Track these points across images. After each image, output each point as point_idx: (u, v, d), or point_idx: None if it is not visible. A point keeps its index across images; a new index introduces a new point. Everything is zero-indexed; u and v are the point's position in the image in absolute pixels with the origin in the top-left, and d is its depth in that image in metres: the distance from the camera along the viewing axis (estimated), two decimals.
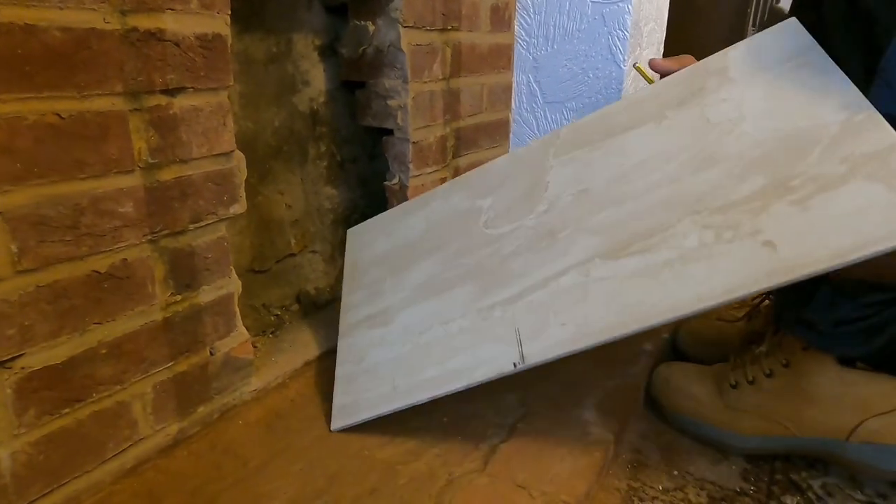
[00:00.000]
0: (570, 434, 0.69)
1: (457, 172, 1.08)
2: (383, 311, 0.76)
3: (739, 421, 0.73)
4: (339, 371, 0.74)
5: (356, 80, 0.94)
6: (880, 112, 0.53)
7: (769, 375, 0.72)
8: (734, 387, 0.74)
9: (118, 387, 0.58)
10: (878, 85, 0.57)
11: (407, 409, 0.66)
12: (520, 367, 0.59)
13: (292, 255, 0.95)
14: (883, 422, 0.66)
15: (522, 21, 1.17)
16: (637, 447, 0.76)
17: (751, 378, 0.73)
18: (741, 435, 0.73)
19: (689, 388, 0.78)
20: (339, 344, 0.78)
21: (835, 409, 0.68)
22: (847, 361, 0.68)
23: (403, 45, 0.88)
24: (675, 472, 0.71)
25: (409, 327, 0.71)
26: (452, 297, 0.70)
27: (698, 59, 0.71)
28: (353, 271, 0.85)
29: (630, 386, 0.80)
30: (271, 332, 0.88)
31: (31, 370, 0.51)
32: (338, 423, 0.68)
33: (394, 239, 0.83)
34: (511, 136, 1.24)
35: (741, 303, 1.09)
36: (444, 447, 0.66)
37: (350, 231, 0.91)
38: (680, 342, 0.95)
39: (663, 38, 1.27)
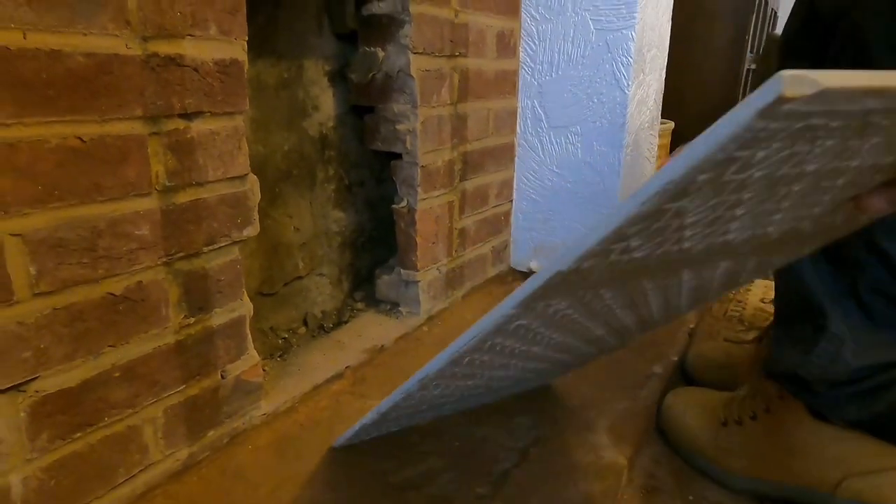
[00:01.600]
0: (583, 458, 0.68)
1: (463, 196, 1.08)
2: None
3: (729, 460, 0.71)
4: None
5: (365, 104, 0.95)
6: None
7: (753, 418, 0.70)
8: (724, 424, 0.73)
9: (130, 411, 0.58)
10: None
11: (417, 433, 0.65)
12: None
13: (300, 277, 0.95)
14: (865, 483, 0.63)
15: (527, 47, 1.19)
16: (650, 471, 0.75)
17: (737, 418, 0.72)
18: (732, 475, 0.71)
19: (687, 420, 0.77)
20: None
21: (815, 462, 0.66)
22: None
23: (413, 71, 0.89)
24: (691, 498, 0.71)
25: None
26: None
27: (697, 85, 0.72)
28: None
29: (641, 409, 0.79)
30: (279, 356, 0.87)
31: (45, 393, 0.51)
32: (340, 440, 0.68)
33: None
34: (516, 160, 1.25)
35: (750, 325, 1.09)
36: (456, 472, 0.66)
37: None
38: (689, 366, 0.94)
39: (665, 65, 1.29)
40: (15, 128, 0.46)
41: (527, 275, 1.29)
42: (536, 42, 1.17)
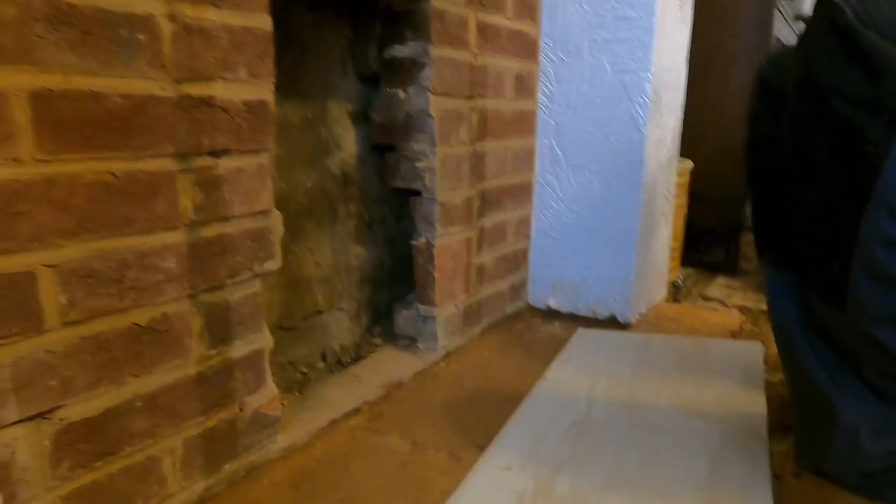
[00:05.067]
0: None
1: (481, 232, 1.09)
2: None
3: None
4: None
5: (386, 143, 0.97)
6: (882, 237, 0.47)
7: (797, 475, 0.67)
8: None
9: (150, 441, 0.58)
10: (875, 209, 0.49)
11: None
12: None
13: (319, 312, 0.96)
14: None
15: (545, 89, 1.21)
16: None
17: (777, 471, 0.70)
18: None
19: None
20: None
21: None
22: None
23: (433, 112, 0.92)
24: None
25: None
26: None
27: (717, 124, 0.70)
28: None
29: None
30: (297, 390, 0.88)
31: (68, 422, 0.52)
32: None
33: None
34: (534, 197, 1.26)
35: (775, 365, 1.07)
36: None
37: None
38: None
39: (682, 105, 1.31)
40: (53, 164, 0.48)
41: (544, 312, 1.28)
42: (554, 83, 1.20)
